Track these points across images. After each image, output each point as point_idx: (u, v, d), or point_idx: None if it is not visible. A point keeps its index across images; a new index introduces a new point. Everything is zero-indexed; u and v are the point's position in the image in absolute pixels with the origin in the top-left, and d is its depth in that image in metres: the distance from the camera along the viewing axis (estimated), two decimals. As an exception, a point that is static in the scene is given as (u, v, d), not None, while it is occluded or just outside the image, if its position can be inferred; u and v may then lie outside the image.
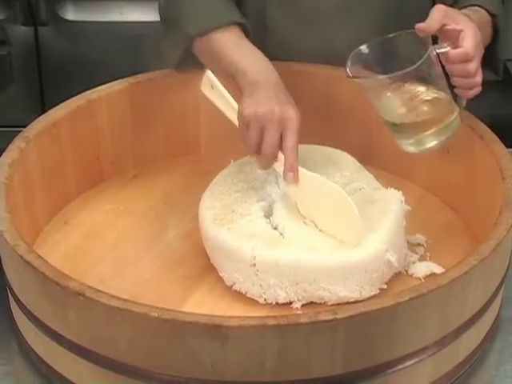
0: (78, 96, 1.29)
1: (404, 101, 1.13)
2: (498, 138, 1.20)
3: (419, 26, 1.09)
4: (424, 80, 1.11)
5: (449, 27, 1.11)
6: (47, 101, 2.15)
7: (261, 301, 1.09)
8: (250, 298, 1.10)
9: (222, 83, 1.17)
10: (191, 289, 1.12)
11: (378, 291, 1.09)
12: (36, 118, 1.24)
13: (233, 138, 1.37)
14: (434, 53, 1.10)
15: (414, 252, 1.17)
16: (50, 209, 1.26)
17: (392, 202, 1.14)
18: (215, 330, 0.91)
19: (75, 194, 1.30)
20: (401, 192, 1.15)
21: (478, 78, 1.12)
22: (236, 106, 1.15)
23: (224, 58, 1.20)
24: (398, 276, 1.13)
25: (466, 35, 1.10)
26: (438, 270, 1.13)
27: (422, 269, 1.14)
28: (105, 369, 0.98)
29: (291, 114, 1.11)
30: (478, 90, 1.13)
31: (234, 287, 1.11)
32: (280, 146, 1.11)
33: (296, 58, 1.35)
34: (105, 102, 1.30)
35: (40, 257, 1.00)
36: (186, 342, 0.93)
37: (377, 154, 1.32)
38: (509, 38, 1.26)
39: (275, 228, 1.11)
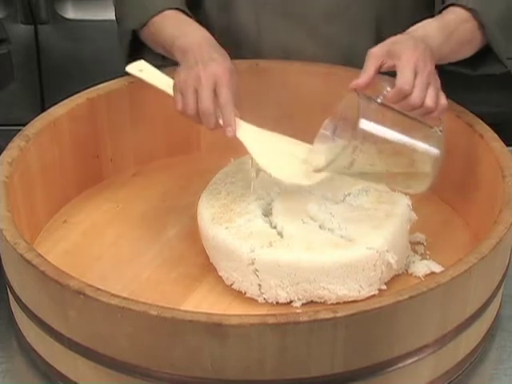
0: (78, 94, 1.29)
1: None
2: (497, 137, 1.20)
3: (350, 85, 1.09)
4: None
5: (385, 67, 1.10)
6: (47, 99, 2.15)
7: (260, 300, 1.09)
8: (249, 297, 1.10)
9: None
10: (191, 287, 1.12)
11: (378, 291, 1.09)
12: (36, 116, 1.24)
13: (233, 138, 1.37)
14: (378, 101, 1.08)
15: (413, 251, 1.17)
16: (50, 207, 1.26)
17: (398, 206, 1.14)
18: (215, 329, 0.91)
19: (75, 192, 1.30)
20: (408, 197, 1.15)
21: (429, 101, 1.08)
22: (169, 79, 1.19)
23: (163, 38, 1.25)
24: (398, 275, 1.13)
25: (398, 70, 1.08)
26: (437, 269, 1.13)
27: (421, 268, 1.14)
28: (104, 367, 0.98)
29: (216, 69, 1.13)
30: (439, 110, 1.09)
31: (233, 286, 1.11)
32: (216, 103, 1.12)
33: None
34: (104, 100, 1.30)
35: (40, 255, 1.00)
36: (186, 341, 0.93)
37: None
38: (498, 34, 1.22)
39: (274, 227, 1.11)
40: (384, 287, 1.11)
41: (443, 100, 1.10)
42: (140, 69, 1.23)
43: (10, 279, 1.08)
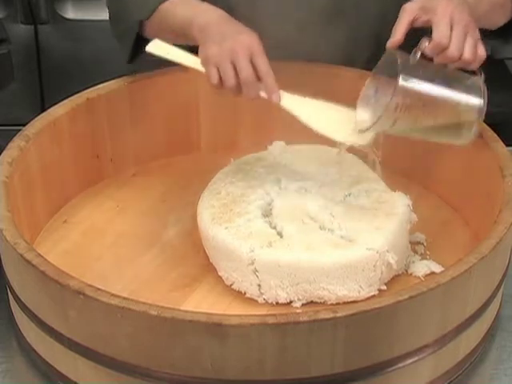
0: (78, 94, 1.29)
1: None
2: (497, 137, 1.20)
3: (388, 44, 1.10)
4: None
5: (419, 22, 1.11)
6: (47, 99, 2.15)
7: (260, 300, 1.09)
8: (249, 297, 1.10)
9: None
10: (191, 287, 1.12)
11: (377, 292, 1.09)
12: (36, 116, 1.24)
13: (233, 137, 1.38)
14: (416, 57, 1.09)
15: (413, 251, 1.17)
16: (50, 207, 1.26)
17: (398, 205, 1.14)
18: (215, 329, 0.91)
19: (75, 192, 1.30)
20: (408, 196, 1.15)
21: (467, 54, 1.09)
22: (192, 56, 1.16)
23: (173, 23, 1.22)
24: (398, 275, 1.13)
25: (434, 24, 1.09)
26: (437, 269, 1.13)
27: (421, 268, 1.14)
28: (104, 367, 0.98)
29: (250, 39, 1.12)
30: (477, 61, 1.10)
31: (233, 286, 1.11)
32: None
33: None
34: (104, 100, 1.30)
35: (40, 255, 1.00)
36: (186, 341, 0.93)
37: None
38: None
39: (274, 227, 1.11)
40: (384, 287, 1.11)
41: (481, 51, 1.10)
42: (158, 47, 1.19)
43: (10, 279, 1.08)
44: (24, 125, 1.23)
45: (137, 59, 1.32)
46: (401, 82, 1.07)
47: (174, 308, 0.95)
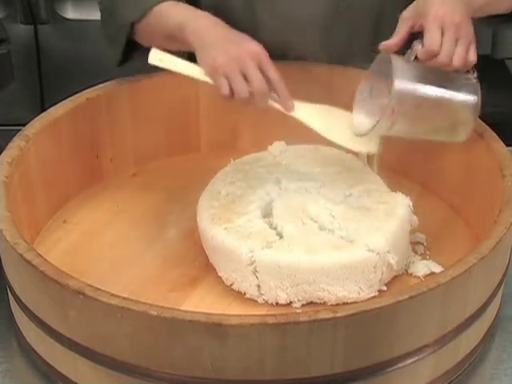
0: (78, 94, 1.29)
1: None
2: (497, 136, 1.20)
3: (381, 45, 1.11)
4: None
5: (416, 27, 1.11)
6: (47, 99, 2.15)
7: (260, 300, 1.09)
8: (249, 298, 1.10)
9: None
10: (191, 288, 1.12)
11: (377, 293, 1.09)
12: (36, 116, 1.24)
13: (233, 137, 1.38)
14: (410, 61, 1.10)
15: (413, 251, 1.17)
16: (50, 207, 1.26)
17: (399, 206, 1.14)
18: (215, 329, 0.91)
19: (75, 192, 1.30)
20: (408, 197, 1.15)
21: (457, 61, 1.08)
22: (193, 65, 1.13)
23: (166, 26, 1.20)
24: (398, 275, 1.13)
25: (425, 30, 1.09)
26: (437, 269, 1.13)
27: (421, 268, 1.14)
28: (104, 367, 0.98)
29: (257, 47, 1.11)
30: (467, 67, 1.11)
31: (233, 287, 1.11)
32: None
33: None
34: (104, 100, 1.30)
35: (40, 255, 1.00)
36: (186, 341, 0.93)
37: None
38: None
39: (274, 228, 1.11)
40: (384, 288, 1.11)
41: (472, 57, 1.10)
42: (160, 59, 1.16)
43: (10, 279, 1.08)
44: (24, 125, 1.23)
45: (126, 63, 1.31)
46: (396, 86, 1.08)
47: (173, 308, 0.95)
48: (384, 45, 1.11)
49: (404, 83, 1.09)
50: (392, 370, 0.98)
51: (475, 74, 1.12)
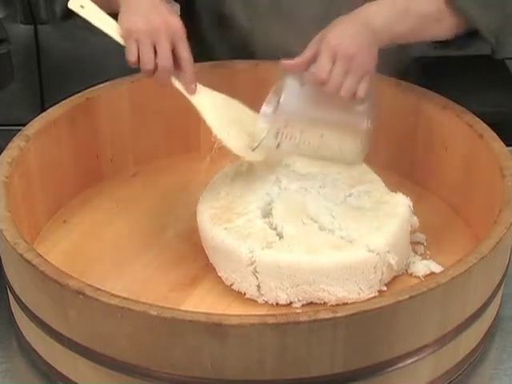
0: (78, 94, 1.29)
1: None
2: (497, 136, 1.20)
3: (281, 63, 1.09)
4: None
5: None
6: (47, 99, 2.14)
7: (260, 301, 1.09)
8: (249, 298, 1.10)
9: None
10: (191, 288, 1.12)
11: (377, 293, 1.09)
12: (36, 116, 1.24)
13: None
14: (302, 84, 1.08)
15: (413, 251, 1.17)
16: (50, 207, 1.26)
17: (399, 206, 1.14)
18: (215, 329, 0.91)
19: (75, 192, 1.30)
20: (409, 198, 1.15)
21: (343, 92, 1.06)
22: (113, 22, 1.12)
23: None
24: (398, 275, 1.13)
25: (317, 56, 1.07)
26: (437, 269, 1.13)
27: (421, 268, 1.14)
28: (104, 367, 0.98)
29: (177, 24, 1.10)
30: (356, 96, 1.07)
31: (233, 287, 1.11)
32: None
33: None
34: (104, 100, 1.30)
35: (40, 255, 1.00)
36: (186, 341, 0.93)
37: (376, 153, 1.31)
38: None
39: (274, 228, 1.11)
40: (384, 288, 1.11)
41: (361, 91, 1.07)
42: (81, 5, 1.13)
43: (10, 279, 1.08)
44: (24, 125, 1.23)
45: (69, 17, 1.28)
46: (281, 107, 1.06)
47: (173, 308, 0.95)
48: (284, 64, 1.09)
49: (290, 105, 1.07)
50: (392, 370, 0.98)
51: (369, 99, 1.09)
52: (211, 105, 1.13)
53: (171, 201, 1.28)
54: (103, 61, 2.00)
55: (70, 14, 1.23)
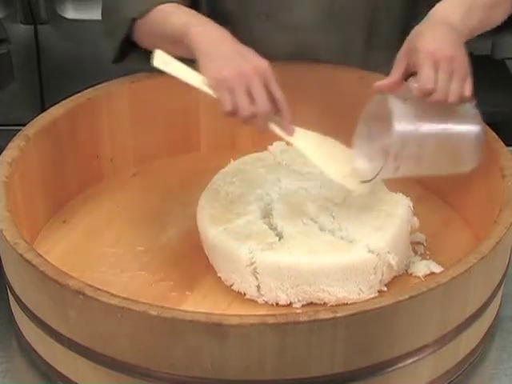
0: (78, 94, 1.29)
1: None
2: (497, 137, 1.20)
3: (374, 86, 1.07)
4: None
5: (411, 65, 1.07)
6: (47, 99, 2.15)
7: (260, 301, 1.09)
8: (249, 298, 1.09)
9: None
10: (191, 288, 1.12)
11: (378, 294, 1.09)
12: (36, 116, 1.24)
13: (233, 137, 1.37)
14: (406, 101, 1.07)
15: (413, 251, 1.17)
16: (50, 207, 1.26)
17: (399, 206, 1.14)
18: (215, 329, 0.91)
19: (75, 192, 1.30)
20: (409, 198, 1.15)
21: (452, 98, 1.05)
22: (196, 73, 1.08)
23: (169, 26, 1.16)
24: (398, 275, 1.13)
25: (418, 67, 1.06)
26: (437, 269, 1.13)
27: (421, 268, 1.14)
28: (104, 367, 0.98)
29: (265, 64, 1.07)
30: (463, 98, 1.07)
31: (233, 287, 1.11)
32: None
33: None
34: (105, 100, 1.30)
35: (40, 255, 1.00)
36: (186, 341, 0.93)
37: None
38: None
39: (274, 228, 1.11)
40: (384, 288, 1.10)
41: (467, 91, 1.06)
42: (164, 62, 1.10)
43: (10, 279, 1.08)
44: (24, 125, 1.23)
45: (121, 62, 1.30)
46: (396, 129, 1.05)
47: (174, 308, 0.95)
48: (377, 86, 1.08)
49: (404, 125, 1.05)
50: (392, 370, 0.98)
51: (474, 103, 1.09)
52: (311, 144, 1.12)
53: (171, 201, 1.28)
54: (103, 61, 2.00)
55: (123, 59, 1.25)
